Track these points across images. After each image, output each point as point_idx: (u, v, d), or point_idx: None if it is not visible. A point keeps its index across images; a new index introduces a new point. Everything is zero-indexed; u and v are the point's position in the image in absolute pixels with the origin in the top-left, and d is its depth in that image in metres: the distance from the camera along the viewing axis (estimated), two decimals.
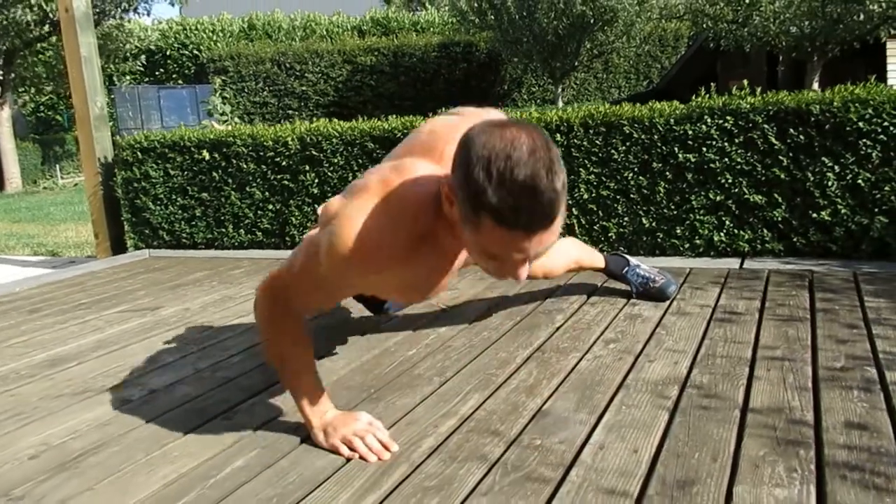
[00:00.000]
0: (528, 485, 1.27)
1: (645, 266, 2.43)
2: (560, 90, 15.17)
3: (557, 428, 1.48)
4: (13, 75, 13.37)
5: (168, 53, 19.14)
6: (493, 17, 14.21)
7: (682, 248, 2.97)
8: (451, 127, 1.44)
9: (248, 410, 1.70)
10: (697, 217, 2.93)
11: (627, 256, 2.45)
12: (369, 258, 1.28)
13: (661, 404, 1.57)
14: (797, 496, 1.18)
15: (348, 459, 1.40)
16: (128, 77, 18.17)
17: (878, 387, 1.58)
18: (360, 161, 3.55)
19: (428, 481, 1.31)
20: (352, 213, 1.29)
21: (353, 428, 1.45)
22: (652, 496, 1.21)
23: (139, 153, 4.05)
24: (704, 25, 12.17)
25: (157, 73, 19.08)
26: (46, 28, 11.83)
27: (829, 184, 2.73)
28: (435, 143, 1.42)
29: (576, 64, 14.69)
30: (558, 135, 3.12)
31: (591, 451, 1.38)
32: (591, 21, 13.30)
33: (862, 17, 10.33)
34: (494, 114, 1.61)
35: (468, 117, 1.48)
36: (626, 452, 1.37)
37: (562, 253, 2.23)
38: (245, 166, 3.80)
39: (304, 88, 16.97)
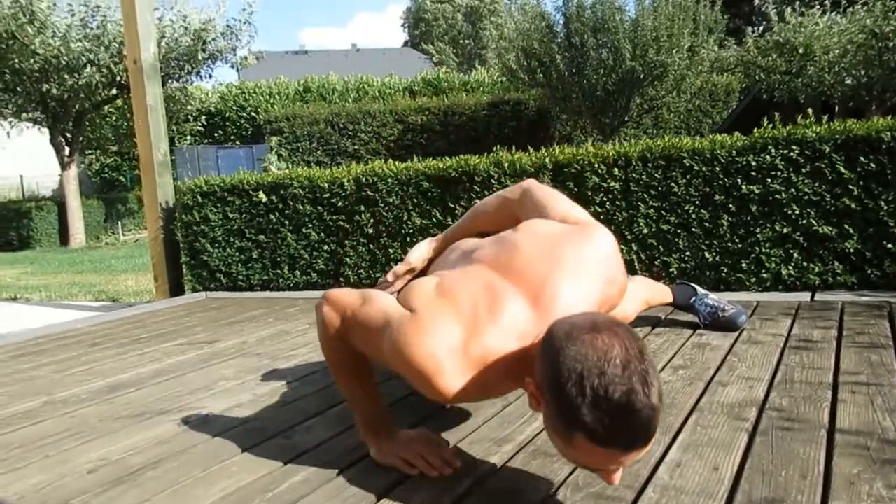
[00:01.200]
0: (602, 502, 1.20)
1: (713, 296, 2.34)
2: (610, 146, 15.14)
3: None
4: (81, 137, 13.99)
5: (227, 115, 19.84)
6: (542, 74, 14.37)
7: (748, 283, 2.87)
8: (550, 257, 1.30)
9: (306, 430, 1.66)
10: (763, 250, 2.83)
11: (695, 286, 2.37)
12: (426, 378, 1.21)
13: (740, 426, 1.48)
14: None
15: (409, 476, 1.35)
16: (188, 137, 18.85)
17: None
18: (414, 200, 3.56)
19: (493, 496, 1.24)
20: (432, 322, 1.22)
21: (413, 444, 1.40)
22: None
23: (199, 197, 4.14)
24: (757, 77, 12.09)
25: (216, 134, 19.76)
26: (114, 91, 12.38)
27: None
28: (533, 275, 1.28)
29: (625, 119, 14.68)
30: (616, 169, 3.08)
31: (668, 468, 1.30)
32: (641, 76, 13.32)
33: None
34: (579, 213, 1.46)
35: (568, 238, 1.35)
36: (705, 470, 1.28)
37: (632, 299, 2.10)
38: (301, 208, 3.84)
39: (356, 147, 17.32)
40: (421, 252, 1.79)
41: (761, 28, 14.17)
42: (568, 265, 1.26)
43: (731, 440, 1.40)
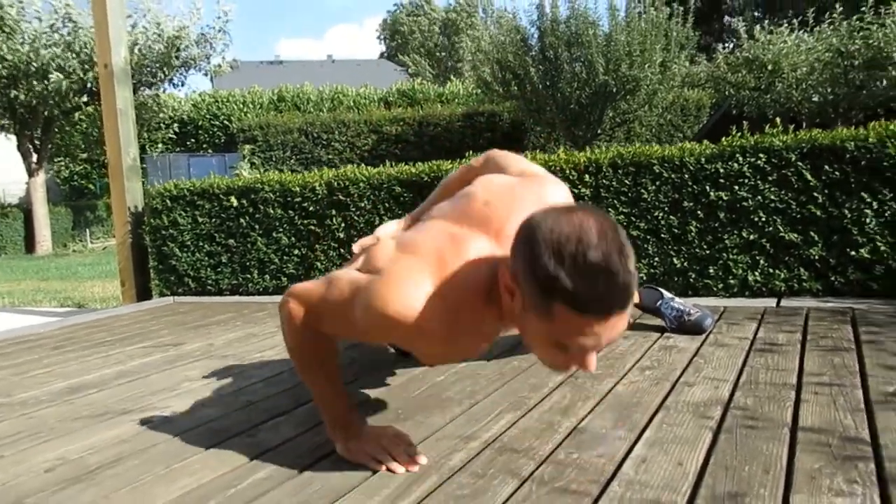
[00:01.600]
0: (567, 496, 1.19)
1: (679, 300, 2.36)
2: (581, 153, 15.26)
3: (595, 443, 1.40)
4: (50, 144, 13.78)
5: (199, 124, 19.68)
6: (516, 86, 14.47)
7: (715, 289, 2.90)
8: (508, 200, 1.35)
9: (271, 429, 1.63)
10: (731, 256, 2.87)
11: (661, 290, 2.38)
12: (407, 329, 1.21)
13: (705, 423, 1.49)
14: None
15: (375, 472, 1.33)
16: (160, 145, 18.66)
17: None
18: (386, 205, 3.55)
19: (459, 491, 1.23)
20: (400, 276, 1.23)
21: (380, 440, 1.39)
22: None
23: (168, 201, 4.09)
24: (727, 93, 12.28)
25: (188, 142, 19.57)
26: (84, 98, 12.22)
27: (868, 220, 2.66)
28: (492, 217, 1.32)
29: (598, 132, 14.82)
30: (587, 175, 3.10)
31: (633, 464, 1.30)
32: (614, 90, 13.47)
33: (885, 83, 10.36)
34: (536, 168, 1.54)
35: (524, 185, 1.41)
36: (670, 465, 1.28)
37: None
38: (272, 212, 3.81)
39: (330, 157, 17.26)
40: (390, 227, 1.78)
41: (731, 45, 14.43)
42: (526, 207, 1.25)
43: (696, 437, 1.41)
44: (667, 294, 2.37)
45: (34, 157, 12.94)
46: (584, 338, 1.09)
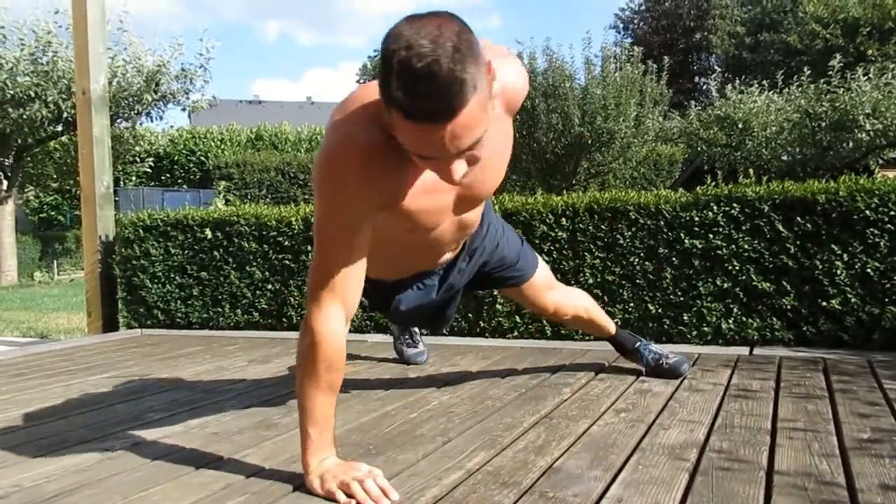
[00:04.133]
0: None
1: (656, 346, 2.37)
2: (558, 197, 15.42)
3: (571, 483, 1.38)
4: (21, 173, 13.58)
5: (175, 159, 19.61)
6: None
7: (689, 336, 2.91)
8: None
9: (238, 461, 1.58)
10: (705, 304, 2.88)
11: (638, 337, 2.39)
12: (357, 153, 1.29)
13: (681, 465, 1.47)
14: None
15: None
16: (134, 179, 18.51)
17: None
18: None
19: None
20: (330, 128, 1.36)
21: (351, 474, 1.35)
22: None
23: (141, 231, 4.03)
24: (699, 149, 12.54)
25: (163, 177, 19.47)
26: (59, 127, 12.11)
27: (838, 272, 2.70)
28: None
29: (573, 182, 15.01)
30: (564, 219, 3.12)
31: None
32: (589, 142, 13.69)
33: (851, 145, 10.68)
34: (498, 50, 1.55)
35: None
36: None
37: (574, 295, 2.23)
38: (247, 245, 3.77)
39: (306, 197, 17.24)
40: None
41: (703, 104, 14.80)
42: None
43: (672, 479, 1.39)
44: (643, 341, 2.37)
45: (4, 185, 12.72)
46: (428, 147, 1.14)
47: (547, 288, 2.12)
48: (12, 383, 2.57)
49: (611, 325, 2.32)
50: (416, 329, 2.70)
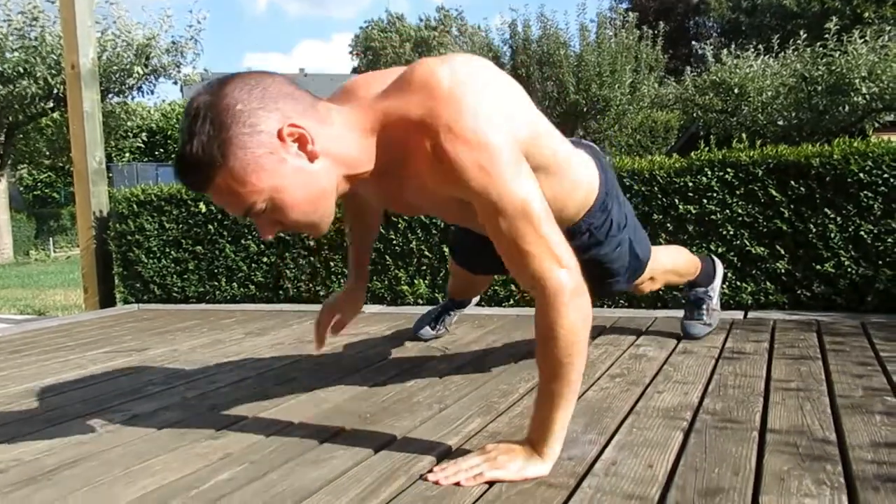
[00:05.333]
0: (539, 493, 1.18)
1: (716, 299, 2.37)
2: None
3: (566, 446, 1.38)
4: (13, 150, 13.51)
5: (168, 133, 19.48)
6: None
7: (683, 301, 2.91)
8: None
9: (236, 432, 1.60)
10: None
11: (717, 268, 2.38)
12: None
13: (675, 426, 1.49)
14: None
15: (337, 476, 1.30)
16: (127, 154, 18.40)
17: None
18: None
19: (429, 491, 1.21)
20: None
21: (327, 307, 1.82)
22: None
23: (135, 206, 4.02)
24: (695, 115, 12.50)
25: (156, 152, 19.36)
26: (50, 103, 12.01)
27: (832, 236, 2.71)
28: None
29: None
30: None
31: (604, 466, 1.29)
32: (584, 109, 13.63)
33: (847, 108, 10.64)
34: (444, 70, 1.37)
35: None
36: (640, 467, 1.28)
37: (662, 267, 2.11)
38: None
39: None
40: None
41: (699, 70, 14.70)
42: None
43: (666, 440, 1.41)
44: (718, 275, 2.36)
45: None
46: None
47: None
48: (10, 360, 2.58)
49: (693, 272, 2.30)
50: (452, 317, 2.59)
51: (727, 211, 2.85)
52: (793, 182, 2.77)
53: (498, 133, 1.18)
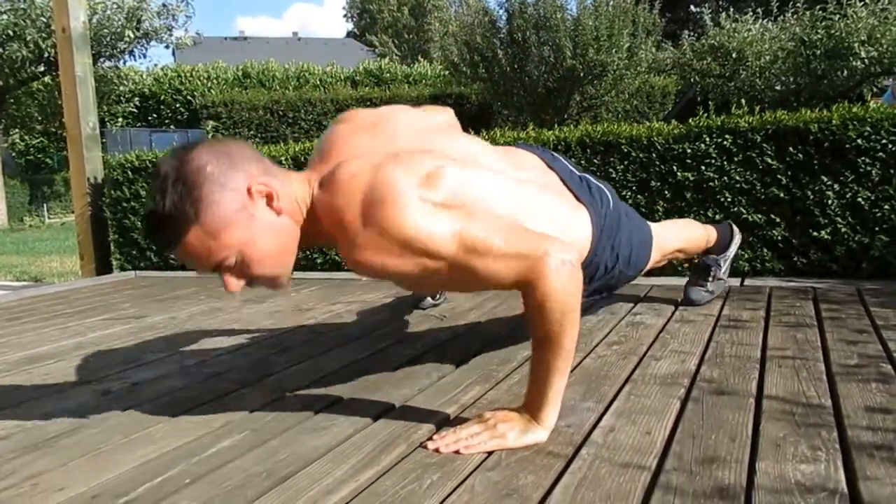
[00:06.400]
0: (538, 460, 1.20)
1: (725, 267, 2.35)
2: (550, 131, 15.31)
3: (564, 414, 1.40)
4: (4, 114, 13.37)
5: (162, 98, 19.27)
6: (484, 69, 14.40)
7: (680, 268, 2.92)
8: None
9: (236, 400, 1.61)
10: None
11: (734, 235, 2.36)
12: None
13: (672, 393, 1.50)
14: (824, 471, 1.11)
15: (337, 445, 1.31)
16: (120, 120, 18.22)
17: (895, 379, 1.52)
18: None
19: (429, 458, 1.22)
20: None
21: None
22: (669, 470, 1.13)
23: (130, 172, 3.99)
24: (692, 80, 12.40)
25: (149, 117, 19.17)
26: (41, 67, 11.86)
27: (829, 202, 2.71)
28: None
29: (565, 117, 14.85)
30: (556, 153, 3.09)
31: (602, 433, 1.31)
32: (581, 75, 13.49)
33: (846, 73, 10.56)
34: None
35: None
36: (638, 434, 1.29)
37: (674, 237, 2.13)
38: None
39: (296, 135, 17.04)
40: None
41: (697, 35, 14.55)
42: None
43: (664, 407, 1.42)
44: (735, 241, 2.35)
45: None
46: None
47: None
48: (8, 327, 2.58)
49: (705, 243, 2.29)
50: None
51: (725, 178, 2.84)
52: (791, 148, 2.76)
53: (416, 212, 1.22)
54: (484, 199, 1.32)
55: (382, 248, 1.21)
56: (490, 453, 1.23)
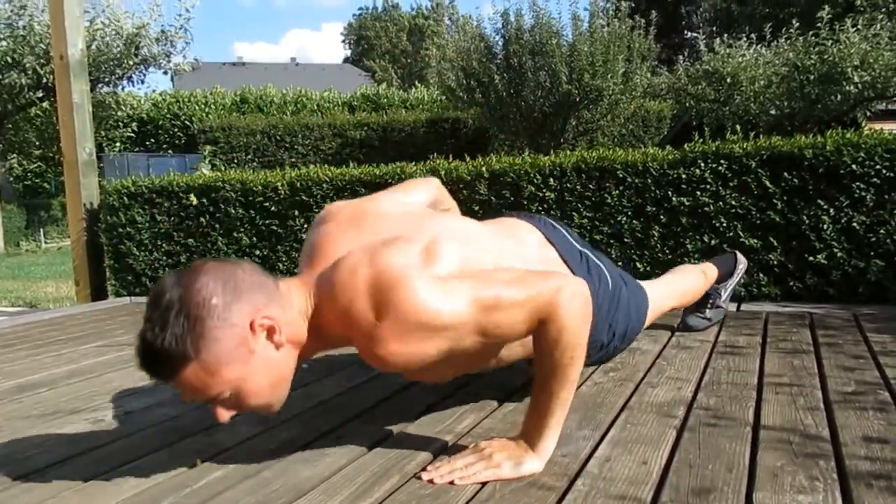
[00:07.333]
0: (532, 492, 1.18)
1: (727, 292, 2.34)
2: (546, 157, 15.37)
3: (560, 443, 1.38)
4: (3, 139, 13.41)
5: (159, 123, 19.34)
6: (480, 94, 14.48)
7: None
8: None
9: (228, 429, 1.59)
10: (692, 261, 2.89)
11: (738, 263, 2.35)
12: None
13: (668, 423, 1.49)
14: (822, 501, 1.10)
15: (332, 474, 1.30)
16: (118, 144, 18.26)
17: (893, 407, 1.52)
18: None
19: (423, 489, 1.21)
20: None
21: None
22: (666, 502, 1.12)
23: (126, 198, 4.00)
24: (687, 104, 12.49)
25: (147, 142, 19.22)
26: (39, 93, 11.90)
27: (825, 227, 2.71)
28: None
29: (561, 141, 14.92)
30: (551, 179, 3.10)
31: (597, 463, 1.29)
32: (577, 99, 13.57)
33: (839, 97, 10.64)
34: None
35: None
36: (634, 464, 1.28)
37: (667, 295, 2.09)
38: (233, 211, 3.75)
39: (293, 160, 17.09)
40: None
41: (692, 60, 14.69)
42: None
43: (660, 436, 1.41)
44: (739, 269, 2.34)
45: None
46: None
47: None
48: (3, 354, 2.56)
49: (704, 288, 2.27)
50: None
51: (720, 203, 2.85)
52: (786, 173, 2.77)
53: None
54: (484, 262, 1.32)
55: (404, 335, 1.18)
56: (484, 484, 1.22)
